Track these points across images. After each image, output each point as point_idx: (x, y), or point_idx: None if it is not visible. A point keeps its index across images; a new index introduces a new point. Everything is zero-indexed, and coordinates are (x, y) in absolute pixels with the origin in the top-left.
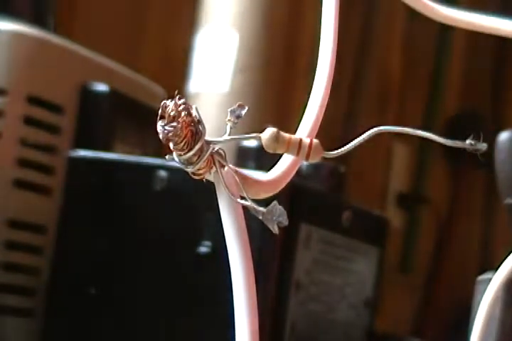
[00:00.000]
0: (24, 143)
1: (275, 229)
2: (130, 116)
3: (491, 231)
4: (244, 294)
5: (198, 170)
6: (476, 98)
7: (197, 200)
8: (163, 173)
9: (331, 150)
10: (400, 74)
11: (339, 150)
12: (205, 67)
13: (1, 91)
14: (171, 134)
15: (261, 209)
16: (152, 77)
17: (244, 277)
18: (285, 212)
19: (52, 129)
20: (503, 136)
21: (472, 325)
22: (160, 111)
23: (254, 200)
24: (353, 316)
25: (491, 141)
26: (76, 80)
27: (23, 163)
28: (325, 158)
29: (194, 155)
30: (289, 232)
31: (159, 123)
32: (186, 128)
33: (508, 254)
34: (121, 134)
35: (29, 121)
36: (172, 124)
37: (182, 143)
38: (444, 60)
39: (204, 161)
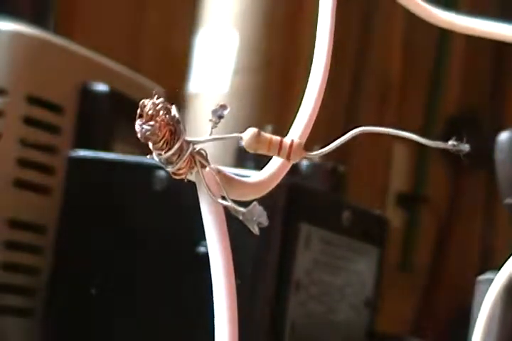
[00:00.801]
0: (24, 143)
1: (255, 230)
2: (130, 116)
3: (491, 231)
4: (224, 294)
5: (178, 169)
6: (475, 98)
7: (197, 200)
8: (163, 173)
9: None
10: (400, 74)
11: (321, 150)
12: (205, 67)
13: (1, 91)
14: (148, 133)
15: (241, 209)
16: (152, 77)
17: (224, 278)
18: (265, 213)
19: (52, 129)
20: (503, 136)
21: (472, 325)
22: (139, 110)
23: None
24: (353, 316)
25: (491, 141)
26: (76, 80)
27: (23, 163)
28: (325, 158)
29: (173, 154)
30: (289, 232)
31: (137, 122)
32: (164, 127)
33: (510, 255)
34: (121, 134)
35: (29, 121)
36: (150, 123)
37: (161, 143)
38: (444, 60)
39: (184, 161)
